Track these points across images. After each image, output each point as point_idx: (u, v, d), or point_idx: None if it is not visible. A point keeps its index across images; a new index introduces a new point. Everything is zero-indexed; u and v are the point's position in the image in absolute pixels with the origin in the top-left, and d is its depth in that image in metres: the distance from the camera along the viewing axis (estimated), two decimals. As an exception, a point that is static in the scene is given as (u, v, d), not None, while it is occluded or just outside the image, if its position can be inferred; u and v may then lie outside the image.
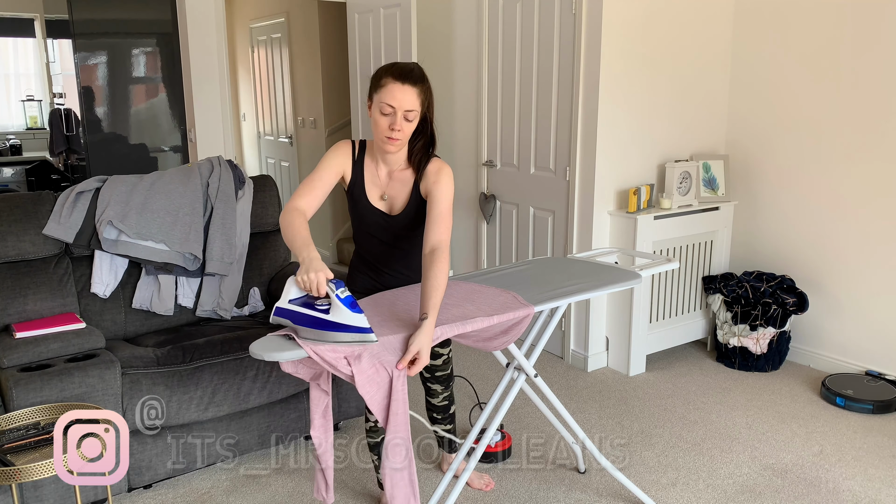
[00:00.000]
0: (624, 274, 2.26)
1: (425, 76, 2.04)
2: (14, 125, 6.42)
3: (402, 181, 2.14)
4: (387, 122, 1.98)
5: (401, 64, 2.02)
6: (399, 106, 1.96)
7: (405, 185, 2.14)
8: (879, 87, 3.38)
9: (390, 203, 2.17)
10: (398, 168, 2.15)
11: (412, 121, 2.00)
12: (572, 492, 2.65)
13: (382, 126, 2.00)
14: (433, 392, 2.53)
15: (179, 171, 3.10)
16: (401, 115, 1.97)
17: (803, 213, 3.75)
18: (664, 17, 3.63)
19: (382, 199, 2.17)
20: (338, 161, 2.12)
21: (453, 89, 4.45)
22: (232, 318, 3.13)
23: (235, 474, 2.77)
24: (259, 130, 7.19)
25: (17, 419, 2.19)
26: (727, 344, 3.78)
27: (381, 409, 1.78)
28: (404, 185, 2.14)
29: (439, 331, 1.83)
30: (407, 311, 1.96)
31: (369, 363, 1.74)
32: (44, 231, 2.78)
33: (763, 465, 2.81)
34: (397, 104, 1.96)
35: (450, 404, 2.57)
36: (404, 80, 1.95)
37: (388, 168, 2.15)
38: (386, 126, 1.99)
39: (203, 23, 4.21)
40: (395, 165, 2.14)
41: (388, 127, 1.98)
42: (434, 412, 2.57)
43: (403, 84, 1.95)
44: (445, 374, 2.49)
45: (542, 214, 3.92)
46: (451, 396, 2.56)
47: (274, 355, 1.71)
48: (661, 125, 3.77)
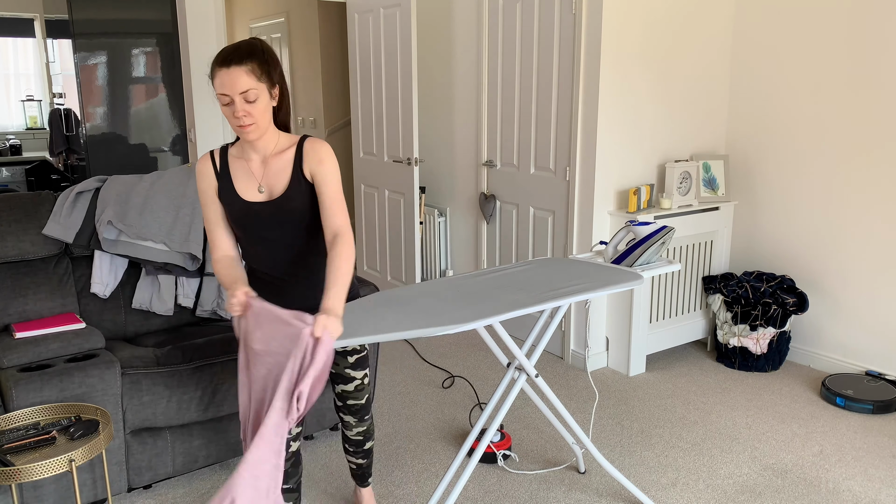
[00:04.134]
0: (625, 274, 2.26)
1: (256, 49, 1.85)
2: (14, 125, 6.43)
3: (280, 164, 1.96)
4: (230, 111, 1.84)
5: (227, 47, 1.85)
6: (231, 91, 1.81)
7: (285, 165, 1.95)
8: (880, 87, 3.38)
9: (269, 191, 1.97)
10: (273, 152, 1.96)
11: (255, 100, 1.83)
12: (572, 492, 2.64)
13: (229, 116, 1.86)
14: (346, 424, 2.27)
15: (179, 171, 3.10)
16: (239, 100, 1.82)
17: (803, 213, 3.76)
18: (664, 17, 3.63)
19: (260, 192, 1.97)
20: (204, 187, 2.00)
21: (453, 89, 4.45)
22: (232, 318, 3.13)
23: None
24: (259, 130, 7.19)
25: (17, 419, 2.19)
26: (727, 344, 3.78)
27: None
28: (284, 166, 1.95)
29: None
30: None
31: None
32: (44, 231, 2.78)
33: (763, 465, 2.81)
34: (229, 90, 1.81)
35: (365, 440, 2.31)
36: (228, 64, 1.80)
37: (261, 155, 1.96)
38: (231, 115, 1.85)
39: (203, 23, 4.21)
40: (268, 150, 1.96)
41: (233, 115, 1.84)
42: (347, 443, 2.33)
43: (228, 67, 1.80)
44: (359, 404, 2.22)
45: (542, 214, 3.92)
46: (367, 432, 2.29)
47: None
48: (661, 125, 3.77)
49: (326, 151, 1.94)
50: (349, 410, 2.23)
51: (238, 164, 1.97)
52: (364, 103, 4.77)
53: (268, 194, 1.96)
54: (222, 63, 1.81)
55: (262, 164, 1.96)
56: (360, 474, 2.44)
